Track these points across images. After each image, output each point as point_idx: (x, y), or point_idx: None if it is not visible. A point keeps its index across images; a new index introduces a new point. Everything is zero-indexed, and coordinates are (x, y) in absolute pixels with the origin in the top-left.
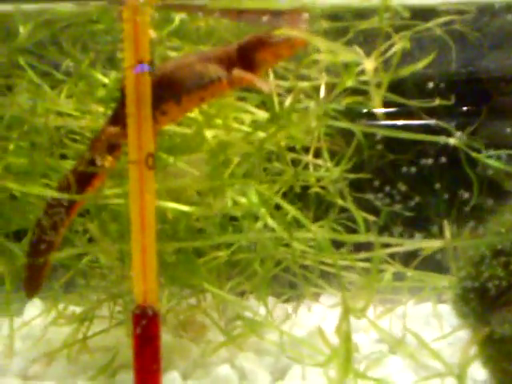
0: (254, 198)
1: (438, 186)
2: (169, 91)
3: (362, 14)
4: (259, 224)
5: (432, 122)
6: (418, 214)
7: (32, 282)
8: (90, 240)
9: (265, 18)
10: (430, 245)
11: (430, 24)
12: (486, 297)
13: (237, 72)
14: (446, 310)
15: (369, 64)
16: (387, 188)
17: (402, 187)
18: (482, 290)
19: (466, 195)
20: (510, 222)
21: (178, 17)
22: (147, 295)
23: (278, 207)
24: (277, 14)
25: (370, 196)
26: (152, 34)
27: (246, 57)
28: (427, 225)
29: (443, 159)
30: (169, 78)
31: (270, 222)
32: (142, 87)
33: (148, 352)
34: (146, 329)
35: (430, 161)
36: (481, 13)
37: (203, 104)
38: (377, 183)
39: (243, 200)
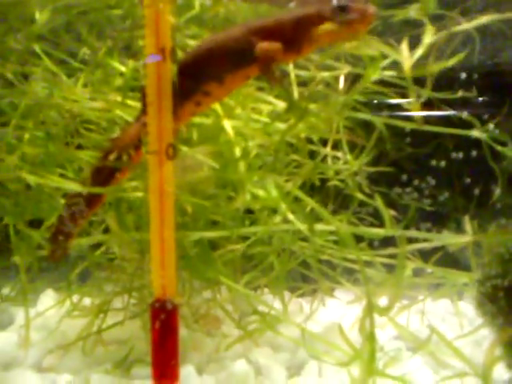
0: (274, 192)
1: (459, 179)
2: (209, 71)
3: (388, 4)
4: (278, 218)
5: (455, 113)
6: (439, 208)
7: (57, 250)
8: (106, 230)
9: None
10: (457, 240)
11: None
12: None
13: (260, 47)
14: (465, 307)
15: (406, 61)
16: (407, 181)
17: (422, 181)
18: (510, 289)
19: (490, 189)
20: None
21: (198, 2)
22: (166, 288)
23: (297, 200)
24: None
25: (390, 190)
26: (172, 20)
27: (301, 31)
28: (449, 219)
29: (464, 153)
30: (209, 56)
31: (290, 216)
32: (162, 76)
33: (167, 346)
34: (165, 323)
35: (451, 154)
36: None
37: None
38: (396, 176)
39: (261, 193)
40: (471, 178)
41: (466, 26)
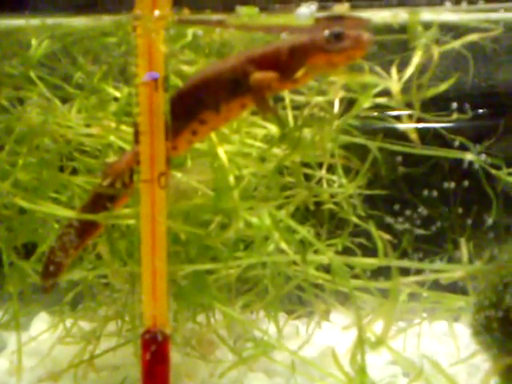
0: (267, 220)
1: (454, 201)
2: (206, 99)
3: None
4: (271, 245)
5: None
6: (434, 231)
7: (48, 277)
8: (99, 256)
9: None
10: (450, 271)
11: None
12: (509, 326)
13: (254, 77)
14: (461, 330)
15: (394, 86)
16: (403, 202)
17: (418, 201)
18: (504, 319)
19: (485, 212)
20: None
21: (191, 31)
22: (157, 319)
23: (290, 228)
24: (335, 20)
25: (386, 211)
26: (164, 49)
27: (297, 60)
28: (444, 242)
29: (461, 172)
30: (205, 85)
31: (283, 245)
32: (155, 105)
33: (157, 377)
34: (155, 353)
35: (445, 175)
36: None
37: (246, 110)
38: (393, 197)
39: (255, 220)
40: (468, 198)
41: (457, 43)
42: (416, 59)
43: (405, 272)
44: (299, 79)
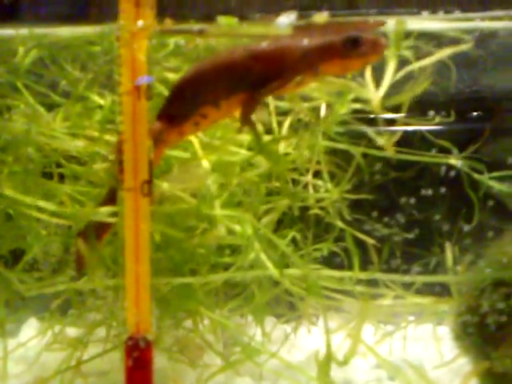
0: (248, 230)
1: (440, 205)
2: (206, 94)
3: None
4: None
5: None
6: (419, 234)
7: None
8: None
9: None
10: (432, 279)
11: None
12: (486, 330)
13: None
14: (446, 333)
15: (375, 96)
16: (389, 208)
17: (406, 205)
18: (481, 324)
19: (470, 215)
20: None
21: (173, 40)
22: (140, 325)
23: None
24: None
25: (370, 216)
26: (147, 58)
27: (309, 62)
28: (429, 245)
29: (448, 176)
30: (206, 80)
31: (262, 256)
32: (138, 114)
33: (139, 383)
34: (137, 360)
35: (431, 180)
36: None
37: None
38: (378, 203)
39: (238, 228)
40: (456, 201)
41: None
42: (391, 68)
43: (392, 271)
44: (303, 82)
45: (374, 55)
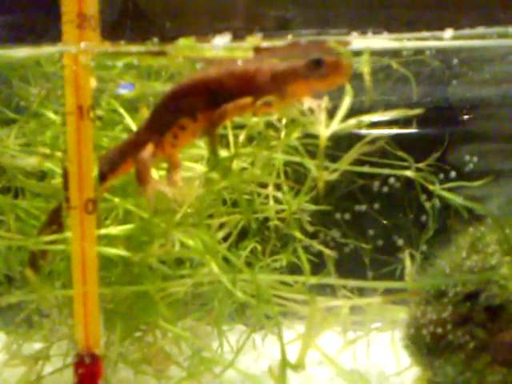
0: (199, 245)
1: (402, 211)
2: (183, 107)
3: None
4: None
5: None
6: (389, 243)
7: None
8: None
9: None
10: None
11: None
12: (430, 339)
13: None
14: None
15: (322, 132)
16: (355, 216)
17: (365, 211)
18: (425, 333)
19: (431, 221)
20: (455, 261)
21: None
22: (88, 342)
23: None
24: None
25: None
26: (93, 82)
27: (277, 85)
28: (399, 249)
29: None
30: (185, 93)
31: (214, 268)
32: (82, 133)
33: None
34: (84, 376)
35: (391, 187)
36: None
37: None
38: (339, 212)
39: (191, 242)
40: (417, 209)
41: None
42: (346, 101)
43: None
44: (274, 104)
45: (338, 77)
